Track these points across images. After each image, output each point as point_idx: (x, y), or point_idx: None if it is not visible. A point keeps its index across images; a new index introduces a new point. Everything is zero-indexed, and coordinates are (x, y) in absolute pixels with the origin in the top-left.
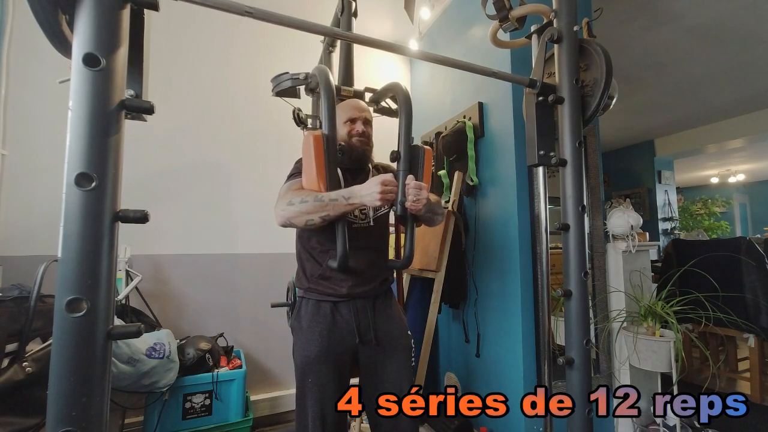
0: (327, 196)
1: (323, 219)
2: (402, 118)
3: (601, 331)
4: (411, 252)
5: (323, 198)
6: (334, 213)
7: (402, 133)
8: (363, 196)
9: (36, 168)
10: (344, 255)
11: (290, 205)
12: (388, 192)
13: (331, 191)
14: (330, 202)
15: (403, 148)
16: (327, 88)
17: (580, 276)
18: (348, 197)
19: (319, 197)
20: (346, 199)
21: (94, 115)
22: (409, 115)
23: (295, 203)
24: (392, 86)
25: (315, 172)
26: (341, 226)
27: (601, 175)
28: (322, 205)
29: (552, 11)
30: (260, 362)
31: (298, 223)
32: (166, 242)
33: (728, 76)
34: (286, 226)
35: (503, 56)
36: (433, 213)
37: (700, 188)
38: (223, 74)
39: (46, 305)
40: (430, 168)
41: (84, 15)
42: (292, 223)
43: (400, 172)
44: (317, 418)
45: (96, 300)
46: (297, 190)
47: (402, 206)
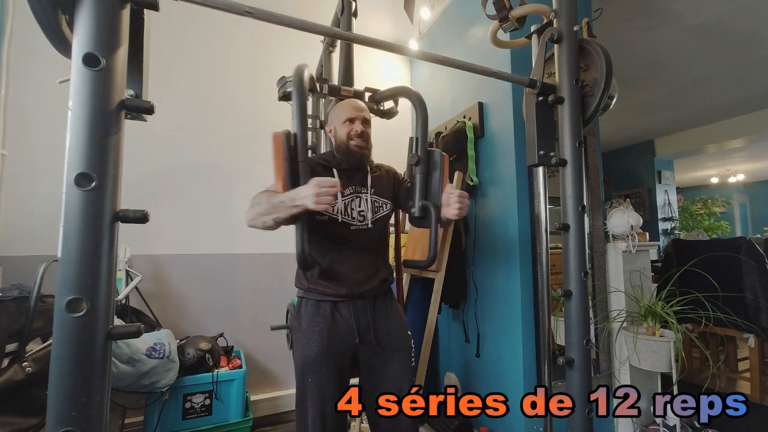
0: (277, 198)
1: (275, 221)
2: (419, 122)
3: (601, 331)
4: (436, 252)
5: (273, 200)
6: (283, 215)
7: (420, 137)
8: (302, 198)
9: (36, 168)
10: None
11: (252, 207)
12: (323, 194)
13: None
14: (278, 204)
15: (422, 152)
16: (298, 86)
17: (580, 276)
18: (293, 199)
19: (271, 199)
20: (291, 201)
21: (94, 115)
22: (425, 118)
23: (255, 205)
24: (403, 90)
25: (274, 172)
26: (299, 226)
27: (601, 175)
28: (272, 207)
29: (552, 11)
30: (260, 362)
31: (258, 225)
32: (166, 242)
33: (728, 76)
34: (252, 227)
35: (503, 56)
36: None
37: (700, 188)
38: (223, 74)
39: (46, 305)
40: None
41: (84, 15)
42: (254, 225)
43: (417, 175)
44: (317, 418)
45: (96, 300)
46: (264, 192)
47: (423, 208)
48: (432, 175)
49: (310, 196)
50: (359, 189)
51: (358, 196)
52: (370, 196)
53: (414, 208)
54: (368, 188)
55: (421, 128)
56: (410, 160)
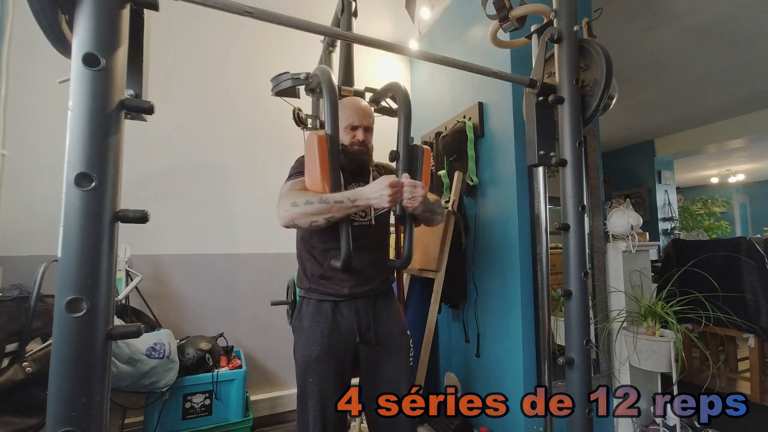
0: (332, 198)
1: (327, 220)
2: (401, 118)
3: (601, 331)
4: (410, 252)
5: (328, 199)
6: (339, 215)
7: (401, 132)
8: (370, 198)
9: (36, 168)
10: (348, 255)
11: (294, 206)
12: (396, 193)
13: (334, 192)
14: (335, 204)
15: (402, 148)
16: (330, 90)
17: (580, 276)
18: (354, 199)
19: (324, 198)
20: (352, 201)
21: (93, 115)
22: (408, 115)
23: (300, 204)
24: (392, 86)
25: (319, 173)
26: (345, 227)
27: (601, 175)
28: (328, 207)
29: (552, 11)
30: (260, 362)
31: (303, 224)
32: (166, 242)
33: (728, 76)
34: (289, 227)
35: (503, 56)
36: (431, 213)
37: (700, 188)
38: (223, 74)
39: (46, 305)
40: (429, 168)
41: (84, 15)
42: (296, 224)
43: (398, 171)
44: (318, 417)
45: (96, 300)
46: (300, 190)
47: (401, 206)
48: (415, 172)
49: (384, 195)
50: (361, 186)
51: None
52: None
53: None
54: None
55: (403, 124)
56: (390, 156)
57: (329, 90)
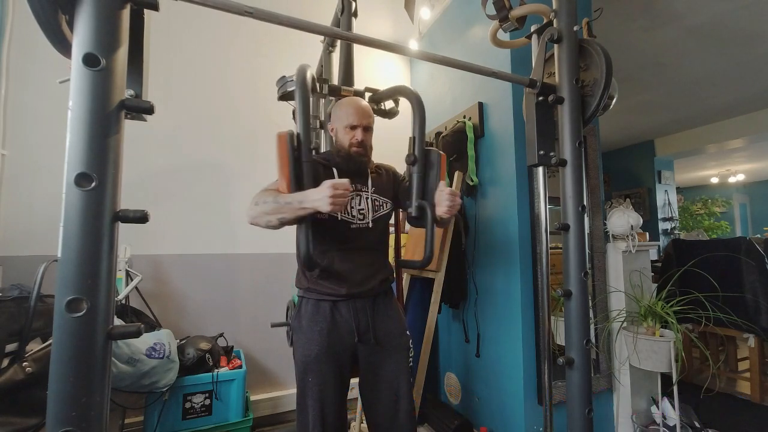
0: (283, 199)
1: (280, 221)
2: (416, 122)
3: (601, 331)
4: (431, 252)
5: (279, 200)
6: (289, 216)
7: (416, 136)
8: (314, 201)
9: (36, 168)
10: (307, 255)
11: (255, 205)
12: (338, 196)
13: (295, 192)
14: (285, 204)
15: (418, 151)
16: (301, 87)
17: (580, 276)
18: (301, 201)
19: (278, 199)
20: (300, 203)
21: (93, 115)
22: (423, 118)
23: (260, 203)
24: (402, 90)
25: (279, 172)
26: (304, 227)
27: (601, 175)
28: (278, 207)
29: (552, 11)
30: (260, 362)
31: (260, 223)
32: (166, 242)
33: (728, 76)
34: (253, 225)
35: (503, 56)
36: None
37: (700, 188)
38: (223, 74)
39: (46, 305)
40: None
41: (84, 15)
42: (256, 223)
43: (414, 174)
44: (318, 416)
45: (96, 300)
46: (268, 190)
47: (419, 208)
48: (429, 175)
49: (324, 198)
50: (360, 188)
51: (359, 194)
52: (371, 195)
53: (411, 208)
54: (368, 187)
55: (418, 127)
56: (407, 160)
57: (300, 87)
